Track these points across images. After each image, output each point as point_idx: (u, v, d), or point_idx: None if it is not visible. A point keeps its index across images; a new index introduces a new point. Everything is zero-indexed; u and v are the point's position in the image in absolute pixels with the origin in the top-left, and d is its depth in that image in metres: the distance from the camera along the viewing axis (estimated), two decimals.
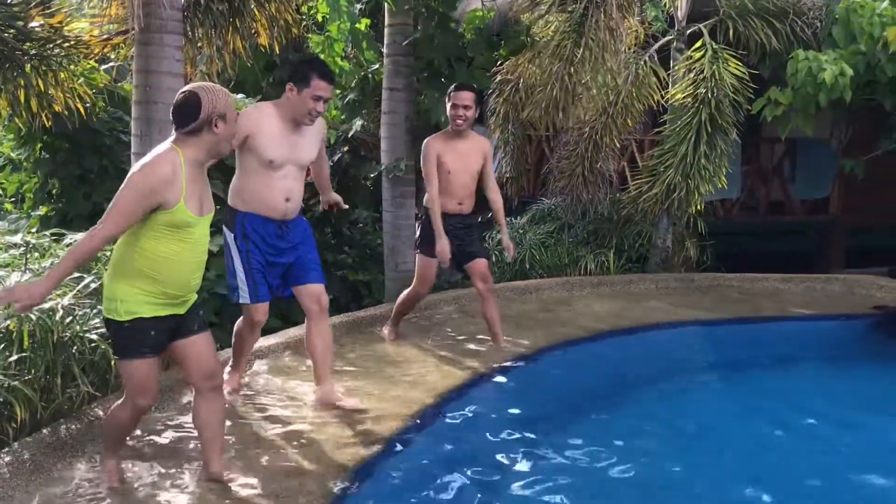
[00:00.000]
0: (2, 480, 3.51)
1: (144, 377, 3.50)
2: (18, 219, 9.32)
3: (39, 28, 6.49)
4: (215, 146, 3.48)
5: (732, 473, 4.26)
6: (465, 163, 5.72)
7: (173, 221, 3.37)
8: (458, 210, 5.80)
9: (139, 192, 3.29)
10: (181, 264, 3.46)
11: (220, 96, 3.44)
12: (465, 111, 5.61)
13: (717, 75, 8.64)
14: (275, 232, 4.55)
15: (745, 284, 8.67)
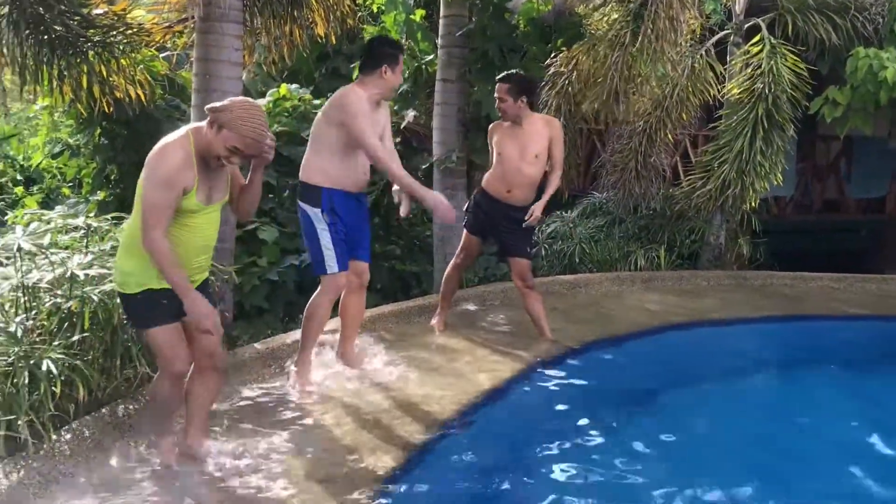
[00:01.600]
0: (63, 457, 3.60)
1: (171, 343, 3.60)
2: (77, 203, 9.53)
3: (103, 15, 6.62)
4: (204, 148, 3.47)
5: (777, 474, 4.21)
6: (519, 149, 5.69)
7: (183, 208, 3.48)
8: (505, 198, 5.76)
9: (165, 183, 3.39)
10: (187, 246, 3.57)
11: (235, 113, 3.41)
12: (500, 103, 5.68)
13: (775, 71, 8.51)
14: (354, 205, 4.88)
15: (797, 283, 8.55)
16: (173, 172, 3.40)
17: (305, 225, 4.86)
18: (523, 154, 5.70)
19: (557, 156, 5.76)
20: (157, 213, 3.38)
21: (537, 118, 5.81)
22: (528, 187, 5.79)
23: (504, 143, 5.74)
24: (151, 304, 3.54)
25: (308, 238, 4.86)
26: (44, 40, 6.35)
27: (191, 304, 3.46)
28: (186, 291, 3.45)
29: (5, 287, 4.27)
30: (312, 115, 10.05)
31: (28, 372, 3.67)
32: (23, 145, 13.36)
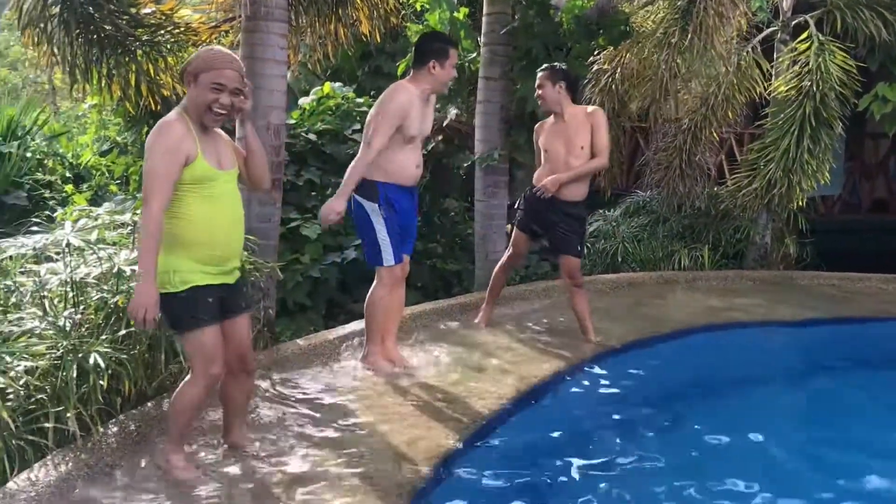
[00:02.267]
0: (110, 450, 3.66)
1: (213, 345, 3.52)
2: (124, 200, 9.66)
3: (151, 15, 6.72)
4: (192, 108, 3.46)
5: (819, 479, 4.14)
6: (565, 141, 5.67)
7: (195, 176, 3.42)
8: (556, 194, 5.67)
9: (164, 150, 3.35)
10: (217, 222, 3.50)
11: (199, 58, 3.47)
12: (539, 90, 5.71)
13: (823, 68, 8.38)
14: (408, 199, 5.03)
15: (845, 284, 8.41)
16: (174, 140, 3.36)
17: (361, 218, 4.96)
18: (570, 148, 5.66)
19: (600, 143, 5.65)
20: (158, 181, 3.31)
21: (579, 109, 5.77)
22: (582, 182, 5.75)
23: (549, 139, 5.74)
24: (195, 304, 3.45)
25: (364, 231, 4.99)
26: (93, 39, 6.46)
27: (144, 288, 3.28)
28: (149, 276, 3.29)
29: (54, 282, 4.35)
30: (355, 113, 10.14)
31: (76, 365, 3.72)
32: (72, 143, 13.60)
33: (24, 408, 3.60)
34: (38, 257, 4.70)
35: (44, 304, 4.25)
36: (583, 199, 5.78)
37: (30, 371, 3.66)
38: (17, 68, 26.64)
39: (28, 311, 4.18)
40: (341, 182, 4.94)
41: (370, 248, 5.00)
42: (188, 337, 3.51)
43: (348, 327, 5.75)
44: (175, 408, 3.63)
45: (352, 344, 5.46)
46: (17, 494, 3.18)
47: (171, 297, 3.42)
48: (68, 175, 12.16)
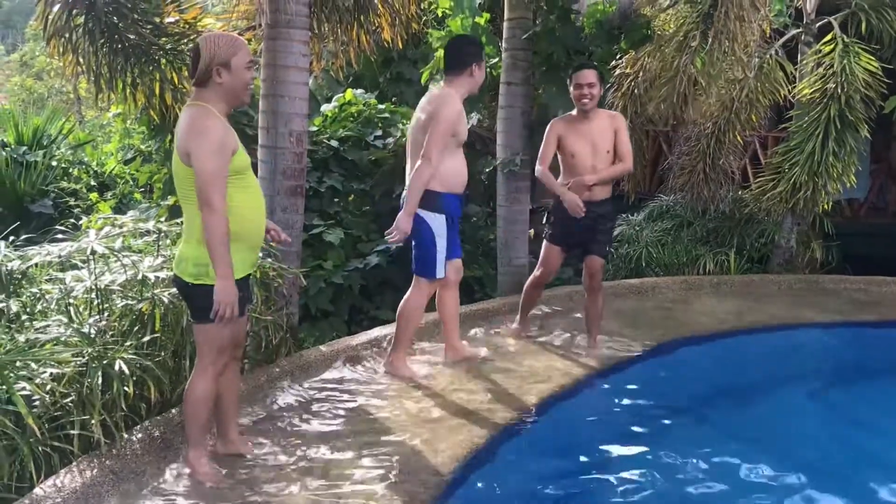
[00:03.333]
0: (135, 456, 3.68)
1: (227, 338, 3.60)
2: (148, 208, 9.74)
3: (174, 24, 6.77)
4: (228, 95, 3.48)
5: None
6: (591, 144, 5.58)
7: (237, 167, 3.47)
8: (586, 197, 5.55)
9: (216, 148, 3.36)
10: (253, 211, 3.58)
11: (223, 45, 3.45)
12: (589, 89, 5.50)
13: (848, 70, 8.30)
14: (460, 206, 5.10)
15: (872, 288, 8.31)
16: (222, 136, 3.38)
17: (423, 230, 4.93)
18: (596, 151, 5.59)
19: (624, 148, 5.61)
20: (216, 180, 3.35)
21: (603, 113, 5.73)
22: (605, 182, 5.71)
23: (574, 142, 5.60)
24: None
25: (423, 242, 4.97)
26: (118, 49, 6.51)
27: (227, 285, 3.38)
28: (228, 272, 3.37)
29: (79, 289, 4.39)
30: (377, 119, 10.17)
31: (101, 372, 3.74)
32: (97, 151, 13.73)
33: (49, 414, 3.62)
34: (64, 265, 4.75)
35: (69, 312, 4.28)
36: (609, 196, 5.75)
37: (56, 378, 3.68)
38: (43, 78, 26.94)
39: (54, 319, 4.21)
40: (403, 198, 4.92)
41: (424, 258, 5.00)
42: (209, 328, 3.52)
43: (372, 333, 5.75)
44: (189, 406, 3.64)
45: (375, 349, 5.46)
46: (43, 501, 3.20)
47: (206, 288, 3.44)
48: (93, 183, 12.28)
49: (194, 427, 3.65)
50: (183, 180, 3.47)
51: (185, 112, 3.49)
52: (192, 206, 3.43)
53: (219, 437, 3.92)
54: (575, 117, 5.68)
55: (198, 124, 3.39)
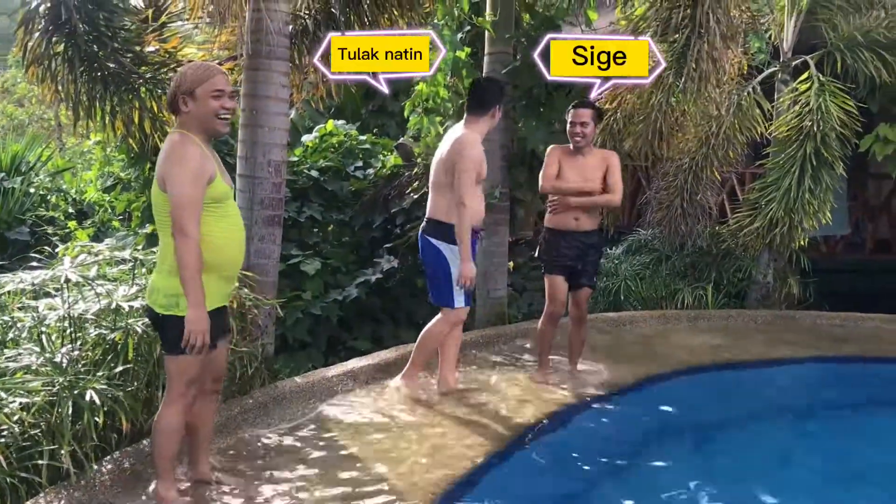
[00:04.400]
0: (103, 487, 3.63)
1: (199, 369, 3.54)
2: (126, 236, 9.69)
3: (154, 53, 6.77)
4: (198, 123, 3.47)
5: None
6: (583, 178, 5.65)
7: (215, 195, 3.46)
8: (574, 227, 5.67)
9: (191, 175, 3.35)
10: (230, 240, 3.55)
11: (190, 74, 3.46)
12: (582, 128, 5.59)
13: (824, 108, 8.42)
14: (477, 240, 5.29)
15: (848, 324, 8.36)
16: (196, 164, 3.37)
17: (436, 260, 5.18)
18: (586, 182, 5.66)
19: (614, 182, 5.68)
20: (190, 207, 3.33)
21: (597, 151, 5.86)
22: (593, 212, 5.78)
23: (566, 172, 5.68)
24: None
25: (437, 273, 5.21)
26: (97, 77, 6.51)
27: (197, 314, 3.34)
28: (199, 301, 3.34)
29: (52, 317, 4.34)
30: (358, 150, 10.19)
31: (72, 402, 3.70)
32: (76, 179, 13.66)
33: (17, 444, 3.57)
34: (37, 293, 4.71)
35: (41, 340, 4.24)
36: (597, 228, 5.84)
37: (25, 407, 3.63)
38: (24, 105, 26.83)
39: (25, 347, 4.17)
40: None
41: (440, 288, 5.22)
42: (179, 359, 3.46)
43: (348, 364, 5.72)
44: (157, 437, 3.57)
45: (352, 381, 5.44)
46: None
47: (176, 319, 3.40)
48: (71, 211, 12.21)
49: (162, 458, 3.59)
50: (159, 207, 3.45)
51: (167, 138, 3.51)
52: (168, 234, 3.41)
53: (189, 466, 3.88)
54: (571, 150, 5.75)
55: (175, 151, 3.39)
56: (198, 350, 3.38)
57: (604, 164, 5.70)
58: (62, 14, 6.31)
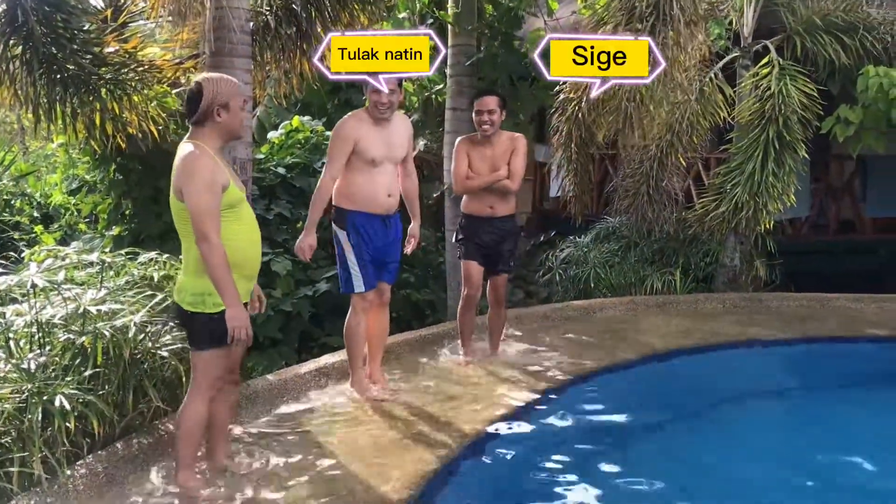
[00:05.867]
0: (76, 492, 3.62)
1: (222, 365, 3.78)
2: (92, 238, 9.62)
3: (114, 53, 6.71)
4: (224, 133, 3.74)
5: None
6: (491, 167, 5.74)
7: (229, 201, 3.66)
8: (489, 213, 5.82)
9: (206, 186, 3.55)
10: (247, 242, 3.78)
11: (223, 86, 3.71)
12: (489, 116, 5.66)
13: (785, 92, 8.50)
14: (380, 226, 5.06)
15: (815, 304, 8.47)
16: (209, 174, 3.57)
17: (336, 245, 5.13)
18: (494, 170, 5.74)
19: (514, 167, 5.74)
20: (210, 217, 3.55)
21: (505, 135, 5.85)
22: (508, 198, 5.85)
23: (476, 162, 5.77)
24: (224, 326, 3.61)
25: (338, 258, 5.15)
26: (56, 79, 6.45)
27: (236, 312, 3.59)
28: (235, 299, 3.59)
29: (19, 323, 4.31)
30: (324, 146, 10.15)
31: (41, 408, 3.68)
32: (40, 182, 13.51)
33: None
34: (3, 298, 4.66)
35: (9, 346, 4.20)
36: (512, 213, 5.93)
37: None
38: None
39: None
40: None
41: (342, 275, 5.15)
42: (204, 355, 3.72)
43: (321, 360, 5.72)
44: (182, 430, 3.79)
45: (324, 377, 5.44)
46: None
47: (203, 316, 3.68)
48: (37, 215, 12.08)
49: (186, 449, 3.79)
50: (178, 214, 3.68)
51: (179, 150, 3.68)
52: (189, 238, 3.65)
53: (206, 455, 4.03)
54: (479, 140, 5.81)
55: (188, 165, 3.59)
56: (242, 342, 3.65)
57: (511, 147, 5.76)
58: (19, 16, 6.24)
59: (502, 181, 5.73)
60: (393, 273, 5.31)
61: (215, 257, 3.54)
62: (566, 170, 10.15)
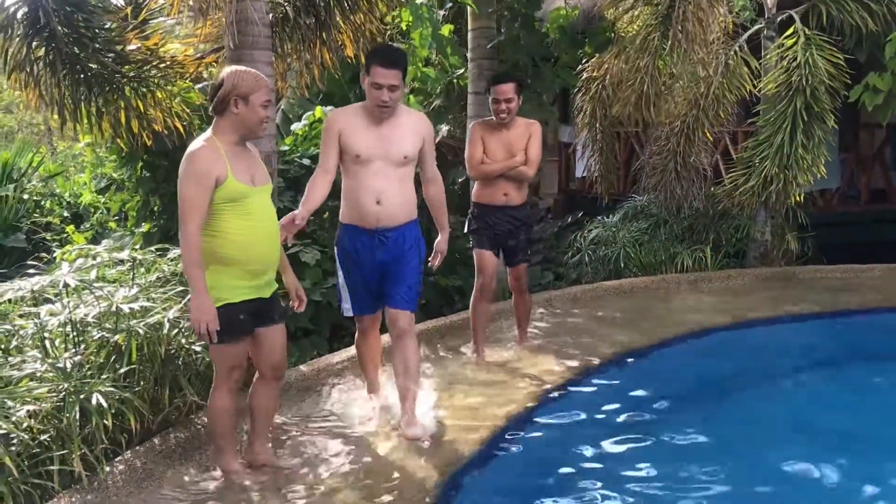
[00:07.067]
0: (116, 488, 3.65)
1: (236, 356, 3.80)
2: (122, 236, 9.68)
3: (136, 51, 6.73)
4: (241, 127, 3.71)
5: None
6: (507, 152, 5.59)
7: (228, 195, 3.64)
8: (504, 201, 5.66)
9: (194, 177, 3.58)
10: (252, 237, 3.71)
11: (246, 78, 3.69)
12: (507, 104, 5.52)
13: (811, 62, 8.37)
14: (369, 244, 4.40)
15: (848, 276, 8.38)
16: (202, 165, 3.58)
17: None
18: (511, 157, 5.60)
19: (531, 153, 5.61)
20: (191, 207, 3.56)
21: (521, 121, 5.71)
22: (522, 186, 5.74)
23: (492, 147, 5.61)
24: (228, 320, 3.64)
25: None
26: (80, 79, 6.47)
27: (197, 302, 3.56)
28: (200, 291, 3.56)
29: (54, 323, 4.34)
30: None
31: (79, 406, 3.71)
32: (69, 183, 13.63)
33: (28, 452, 3.58)
34: (37, 299, 4.71)
35: (45, 346, 4.24)
36: (525, 202, 5.80)
37: (33, 414, 3.64)
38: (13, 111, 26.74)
39: (29, 354, 4.17)
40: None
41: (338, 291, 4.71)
42: (217, 347, 3.73)
43: (352, 349, 5.71)
44: (209, 418, 3.91)
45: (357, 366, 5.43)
46: None
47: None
48: (67, 215, 12.19)
49: (217, 436, 3.89)
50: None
51: (197, 140, 3.72)
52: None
53: (247, 446, 4.08)
54: (494, 124, 5.66)
55: (187, 155, 3.62)
56: (203, 337, 3.62)
57: (527, 133, 5.65)
58: (41, 18, 6.26)
59: (519, 168, 5.62)
60: (406, 298, 4.43)
61: (186, 246, 3.56)
62: (591, 149, 10.10)
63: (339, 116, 4.47)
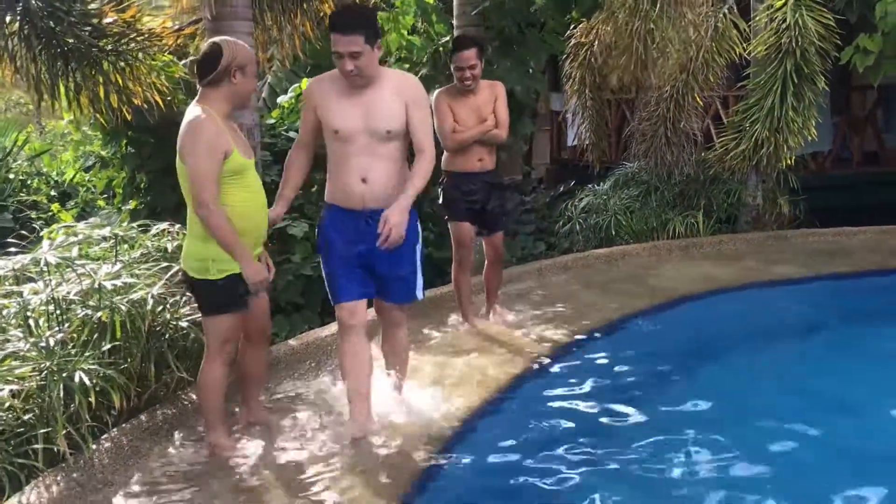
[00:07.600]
0: (102, 465, 3.61)
1: (232, 328, 3.80)
2: (109, 214, 9.58)
3: (113, 24, 6.60)
4: (236, 97, 3.72)
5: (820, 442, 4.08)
6: (477, 117, 5.46)
7: (233, 168, 3.64)
8: (479, 167, 5.54)
9: (205, 150, 3.54)
10: (252, 209, 3.75)
11: (242, 49, 3.71)
12: (471, 71, 5.36)
13: (801, 23, 8.28)
14: (354, 226, 3.97)
15: (841, 239, 8.35)
16: (213, 138, 3.55)
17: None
18: (480, 120, 5.48)
19: (500, 115, 5.49)
20: (207, 181, 3.53)
21: (484, 84, 5.56)
22: (493, 151, 5.65)
23: (460, 114, 5.46)
24: (232, 290, 3.67)
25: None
26: (57, 53, 6.36)
27: (251, 270, 3.64)
28: (246, 257, 3.62)
29: (36, 301, 4.28)
30: None
31: (62, 384, 3.66)
32: (55, 161, 13.50)
33: (12, 431, 3.54)
34: (19, 278, 4.64)
35: (28, 325, 4.18)
36: (495, 167, 5.70)
37: (16, 394, 3.59)
38: None
39: (12, 333, 4.11)
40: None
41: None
42: (213, 319, 3.76)
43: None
44: (200, 392, 3.87)
45: None
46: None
47: (208, 283, 3.68)
48: (54, 194, 12.08)
49: (208, 411, 3.86)
50: (183, 177, 3.67)
51: (187, 112, 3.67)
52: (191, 202, 3.64)
53: (243, 405, 4.18)
54: (459, 91, 5.50)
55: (192, 128, 3.58)
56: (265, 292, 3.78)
57: (493, 95, 5.53)
58: None
59: (492, 131, 5.51)
60: (398, 290, 4.12)
61: (216, 219, 3.54)
62: (581, 117, 10.02)
63: (314, 87, 4.01)
